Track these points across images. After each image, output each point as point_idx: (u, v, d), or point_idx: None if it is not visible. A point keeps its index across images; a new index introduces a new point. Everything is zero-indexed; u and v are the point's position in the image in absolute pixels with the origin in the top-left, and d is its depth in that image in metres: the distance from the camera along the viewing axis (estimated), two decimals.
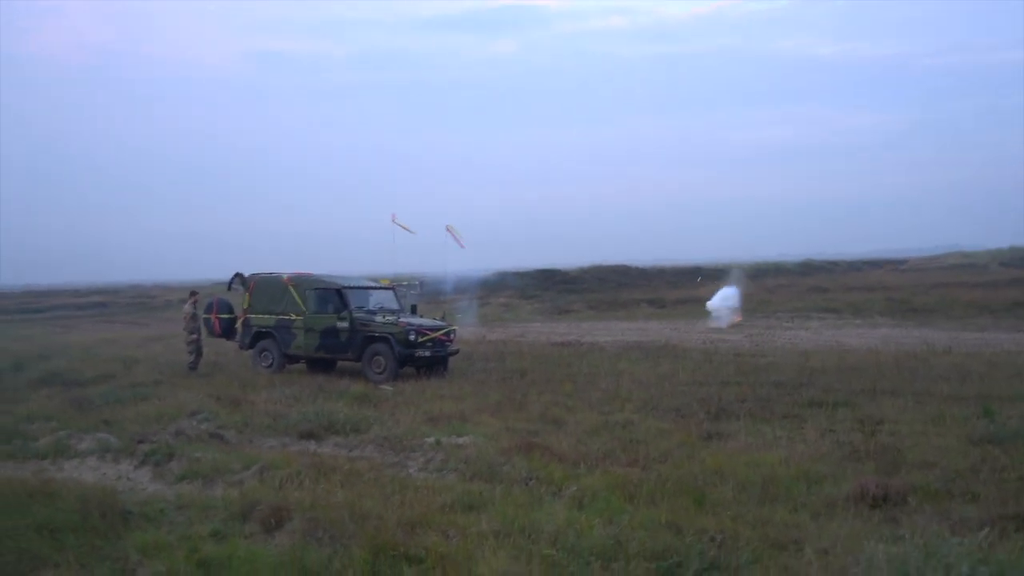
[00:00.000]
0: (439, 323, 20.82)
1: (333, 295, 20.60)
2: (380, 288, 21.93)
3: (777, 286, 42.98)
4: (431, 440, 12.09)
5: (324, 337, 20.48)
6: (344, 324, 20.13)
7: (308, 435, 12.86)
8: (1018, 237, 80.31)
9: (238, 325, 21.82)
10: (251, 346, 21.50)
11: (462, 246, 24.21)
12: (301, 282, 21.12)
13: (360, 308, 20.52)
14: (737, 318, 35.37)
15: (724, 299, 37.91)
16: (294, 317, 20.85)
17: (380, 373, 19.47)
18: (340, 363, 21.33)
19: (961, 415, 13.05)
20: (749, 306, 40.00)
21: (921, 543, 5.84)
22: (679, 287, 58.63)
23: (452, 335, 20.81)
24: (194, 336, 21.40)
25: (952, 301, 39.47)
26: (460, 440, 12.16)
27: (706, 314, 37.32)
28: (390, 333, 19.72)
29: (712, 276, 66.26)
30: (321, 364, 21.20)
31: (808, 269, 73.56)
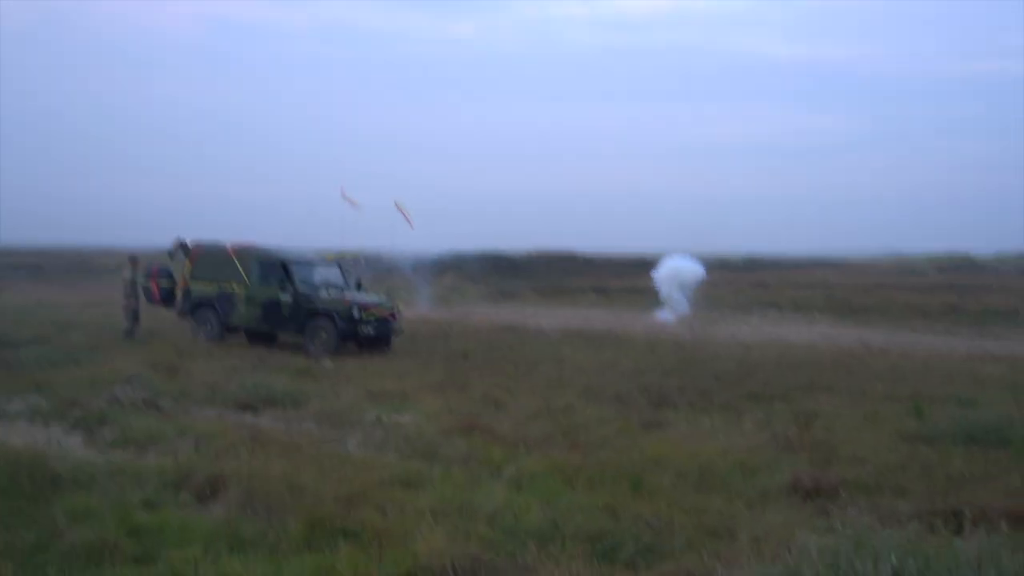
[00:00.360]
0: (384, 301, 20.73)
1: (277, 267, 20.40)
2: (325, 262, 21.76)
3: (721, 280, 43.40)
4: (371, 417, 12.06)
5: (266, 309, 20.28)
6: (287, 297, 19.96)
7: (246, 407, 12.74)
8: (955, 243, 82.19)
9: (178, 293, 21.53)
10: (190, 315, 21.23)
11: (411, 224, 24.08)
12: (245, 253, 20.88)
13: (304, 282, 20.34)
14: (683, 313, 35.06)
15: (674, 273, 37.27)
16: (236, 288, 20.62)
17: (322, 348, 19.33)
18: (281, 336, 21.16)
19: (894, 413, 13.29)
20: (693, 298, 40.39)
21: (852, 534, 5.93)
22: (624, 276, 58.94)
23: (397, 313, 20.73)
24: (132, 302, 21.07)
25: (889, 302, 40.18)
26: (401, 418, 12.15)
27: (651, 306, 37.50)
28: (333, 309, 19.60)
29: (655, 266, 66.81)
30: (262, 336, 21.01)
31: (752, 265, 74.28)
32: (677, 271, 37.66)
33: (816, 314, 37.07)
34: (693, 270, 37.98)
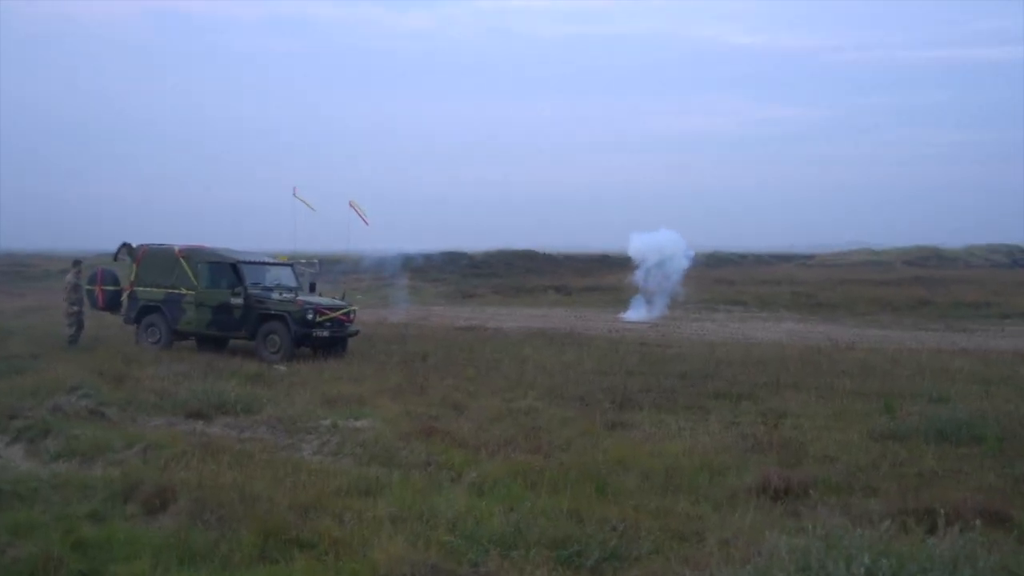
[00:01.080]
0: (338, 302, 20.61)
1: (227, 269, 20.21)
2: (277, 264, 21.59)
3: (685, 277, 43.64)
4: (327, 422, 11.98)
5: (216, 313, 20.09)
6: (238, 300, 19.78)
7: (196, 415, 12.61)
8: (923, 236, 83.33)
9: (124, 298, 21.27)
10: (137, 321, 20.98)
11: (366, 223, 23.95)
12: (193, 255, 20.67)
13: (256, 284, 20.18)
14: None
15: (656, 247, 36.71)
16: (185, 291, 20.41)
17: (275, 352, 19.20)
18: (232, 341, 20.98)
19: (863, 411, 13.43)
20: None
21: (823, 535, 5.96)
22: (586, 275, 59.13)
23: (352, 315, 20.63)
24: (76, 308, 20.77)
25: (856, 298, 40.67)
26: (357, 423, 12.08)
27: (614, 305, 37.61)
28: (287, 311, 19.45)
29: (620, 264, 67.10)
30: (212, 342, 20.81)
31: (716, 261, 74.78)
32: (659, 245, 37.07)
33: (782, 311, 37.42)
34: (676, 245, 37.34)
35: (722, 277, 55.81)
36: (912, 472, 9.72)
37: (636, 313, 35.33)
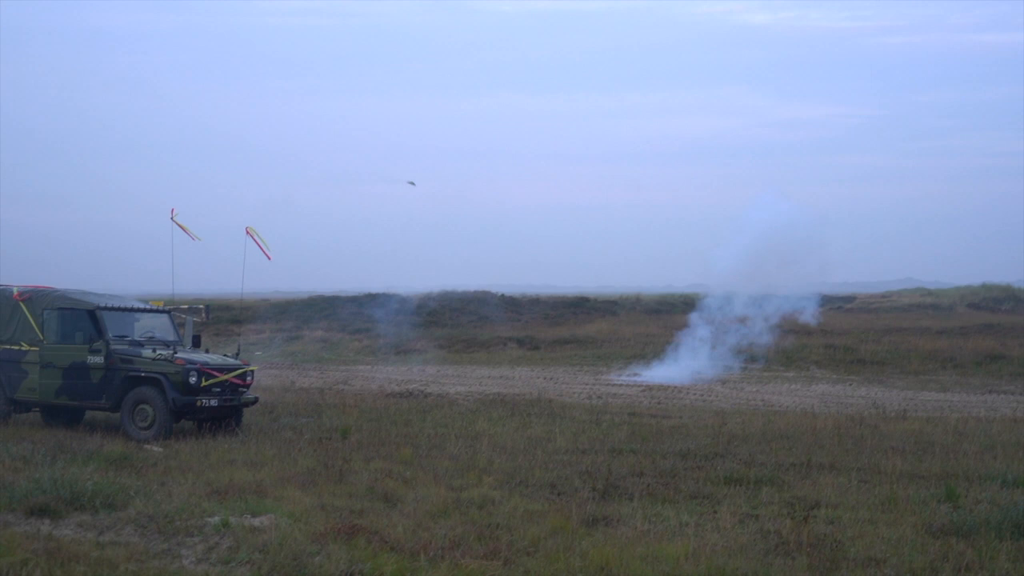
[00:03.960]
0: (231, 361, 20.50)
1: (83, 318, 20.07)
2: (150, 311, 21.46)
3: (684, 326, 43.68)
4: (215, 521, 11.88)
5: (69, 376, 19.89)
6: (97, 359, 19.62)
7: (41, 511, 12.44)
8: (992, 272, 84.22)
9: None
10: None
11: (268, 257, 23.88)
12: (38, 299, 20.51)
13: (122, 337, 20.04)
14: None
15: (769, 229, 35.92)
16: (26, 347, 20.22)
17: (147, 428, 19.03)
18: (90, 413, 20.75)
19: (918, 498, 13.53)
20: (644, 350, 40.81)
21: None
22: (557, 323, 59.29)
23: (249, 378, 20.52)
24: None
25: (908, 351, 40.99)
26: (256, 521, 12.00)
27: (597, 361, 37.79)
28: (163, 373, 19.30)
29: (600, 310, 67.31)
30: (64, 414, 20.62)
31: (727, 303, 75.39)
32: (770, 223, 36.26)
33: (813, 368, 37.70)
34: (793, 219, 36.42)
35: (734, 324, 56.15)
36: None
37: (673, 371, 35.63)
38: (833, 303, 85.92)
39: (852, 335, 46.46)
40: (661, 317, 62.81)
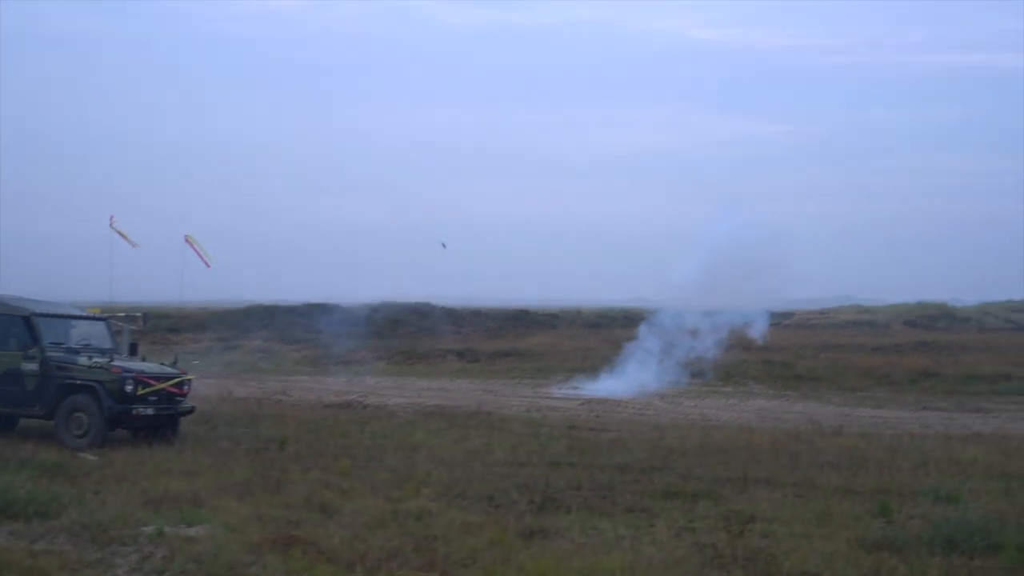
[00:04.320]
0: (168, 370, 20.36)
1: (18, 324, 19.85)
2: (87, 318, 21.27)
3: (624, 340, 43.90)
4: (150, 530, 11.80)
5: (2, 383, 19.63)
6: (31, 366, 19.42)
7: None
8: (928, 290, 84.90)
9: None
10: None
11: (208, 264, 23.80)
12: None
13: (57, 344, 19.84)
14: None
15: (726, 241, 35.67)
16: None
17: (82, 436, 18.84)
18: (24, 421, 20.54)
19: (852, 513, 13.66)
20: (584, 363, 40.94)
21: None
22: (497, 336, 59.31)
23: (186, 387, 20.38)
24: None
25: (844, 368, 41.40)
26: (191, 531, 11.92)
27: (536, 374, 37.81)
28: (98, 381, 19.13)
29: (541, 323, 67.41)
30: None
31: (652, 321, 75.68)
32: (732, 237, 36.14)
33: (751, 384, 37.96)
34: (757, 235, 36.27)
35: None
36: None
37: (617, 384, 35.66)
38: (772, 319, 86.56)
39: (790, 351, 46.83)
40: (601, 331, 63.00)
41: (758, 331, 41.56)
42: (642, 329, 39.55)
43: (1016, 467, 17.62)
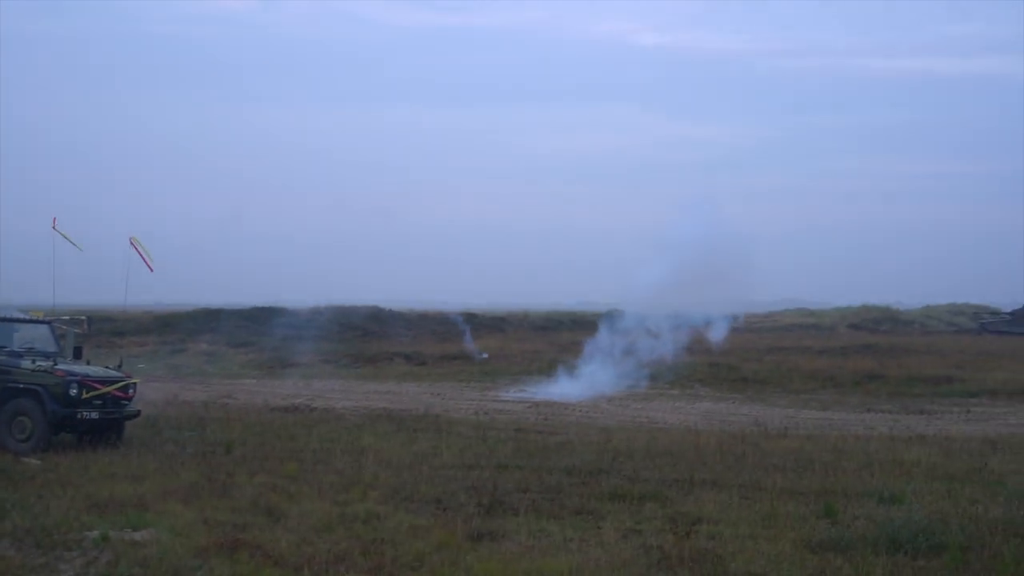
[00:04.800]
0: (113, 373, 20.20)
1: None
2: (29, 321, 21.05)
3: (572, 343, 44.08)
4: (95, 535, 11.73)
5: None
6: None
7: None
8: (872, 294, 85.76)
9: None
10: None
11: (151, 268, 23.56)
12: None
13: (0, 348, 19.65)
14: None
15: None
16: None
17: (25, 440, 18.66)
18: None
19: (798, 514, 13.76)
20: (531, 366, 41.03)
21: None
22: (445, 339, 59.26)
23: (131, 391, 20.22)
24: None
25: (790, 371, 41.72)
26: (137, 535, 11.87)
27: (483, 377, 37.81)
28: (42, 384, 18.96)
29: (489, 326, 67.41)
30: None
31: (612, 322, 75.90)
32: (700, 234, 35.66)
33: (697, 386, 38.15)
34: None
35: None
36: None
37: (565, 387, 35.71)
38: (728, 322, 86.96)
39: (735, 354, 47.11)
40: (548, 334, 63.12)
41: (719, 334, 41.69)
42: (601, 331, 39.54)
43: (959, 468, 17.81)
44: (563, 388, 35.79)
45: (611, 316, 40.82)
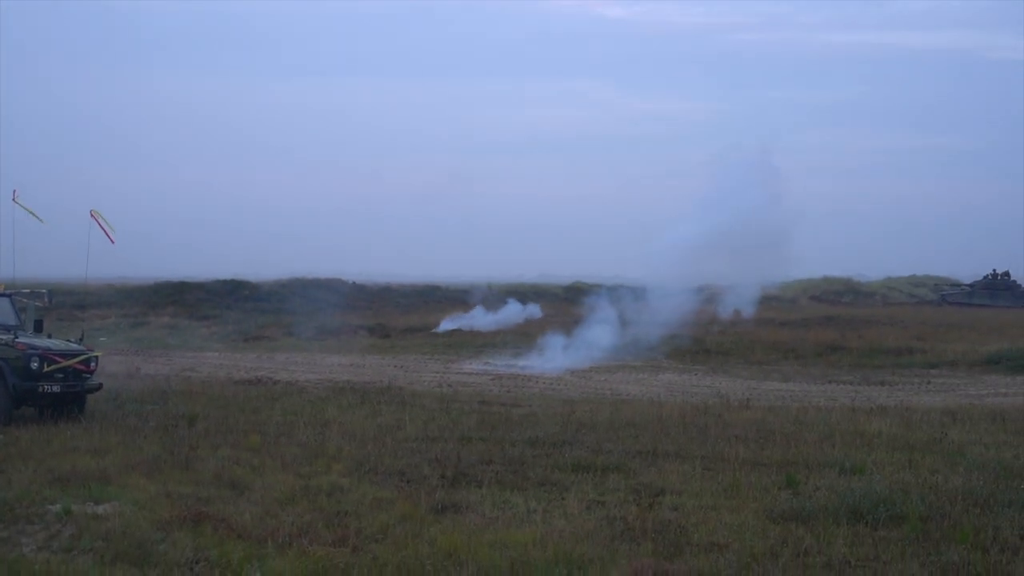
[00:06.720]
0: (75, 347, 20.07)
1: None
2: None
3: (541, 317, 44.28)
4: (57, 508, 11.69)
5: None
6: None
7: None
8: (832, 265, 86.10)
9: None
10: None
11: (112, 240, 23.38)
12: None
13: None
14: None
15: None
16: None
17: None
18: None
19: (760, 485, 13.83)
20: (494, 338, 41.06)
21: None
22: (409, 312, 59.25)
23: (93, 364, 20.11)
24: None
25: (752, 342, 41.97)
26: (99, 508, 11.84)
27: (447, 350, 37.81)
28: (2, 358, 18.82)
29: (453, 299, 67.40)
30: None
31: (575, 294, 75.67)
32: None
33: (660, 359, 38.27)
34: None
35: (582, 314, 56.64)
36: (819, 562, 10.06)
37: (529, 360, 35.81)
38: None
39: (697, 325, 47.27)
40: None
41: (748, 305, 41.12)
42: (599, 301, 39.37)
43: (919, 439, 17.92)
44: (523, 360, 35.85)
45: (595, 288, 40.61)
